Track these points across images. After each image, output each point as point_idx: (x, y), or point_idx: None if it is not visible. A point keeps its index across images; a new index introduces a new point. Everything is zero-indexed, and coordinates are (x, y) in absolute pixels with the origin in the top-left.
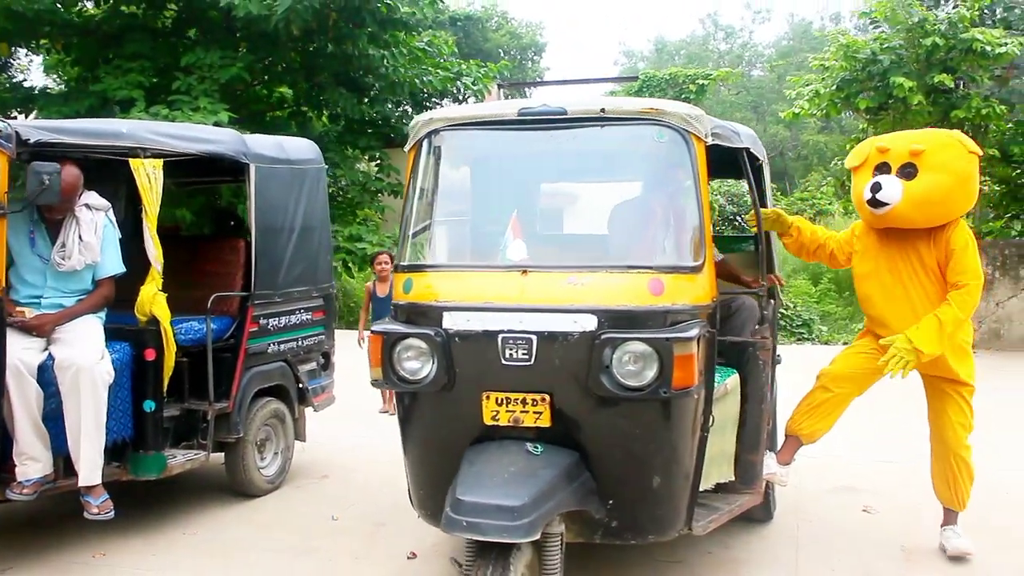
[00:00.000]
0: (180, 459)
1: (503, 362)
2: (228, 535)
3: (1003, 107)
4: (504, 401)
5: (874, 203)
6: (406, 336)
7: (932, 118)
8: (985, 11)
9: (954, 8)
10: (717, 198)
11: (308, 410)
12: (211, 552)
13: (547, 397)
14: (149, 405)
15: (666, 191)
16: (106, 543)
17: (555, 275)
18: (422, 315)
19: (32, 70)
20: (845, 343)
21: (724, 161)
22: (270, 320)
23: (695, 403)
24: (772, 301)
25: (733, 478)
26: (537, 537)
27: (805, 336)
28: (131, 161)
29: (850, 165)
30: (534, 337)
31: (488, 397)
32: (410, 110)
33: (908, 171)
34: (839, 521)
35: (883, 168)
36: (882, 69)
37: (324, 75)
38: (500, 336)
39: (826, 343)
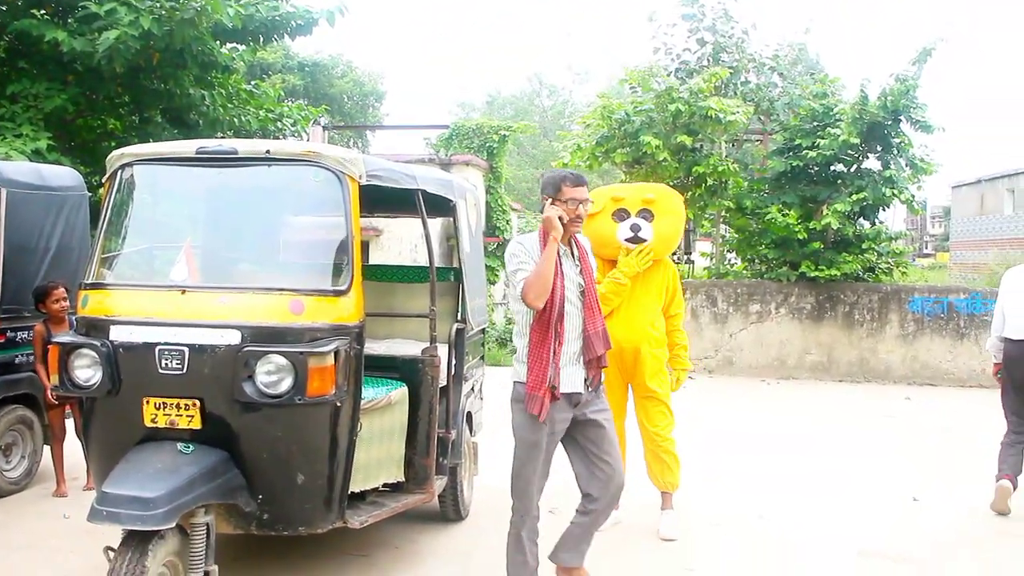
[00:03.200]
0: None
1: (160, 371)
2: None
3: (736, 166)
4: (161, 405)
5: (634, 240)
6: (79, 346)
7: (678, 173)
8: (727, 83)
9: (693, 81)
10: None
11: None
12: None
13: (198, 402)
14: None
15: (319, 223)
16: None
17: (209, 294)
18: (94, 328)
19: None
20: None
21: (431, 201)
22: (18, 333)
23: (335, 410)
24: (462, 325)
25: (403, 479)
26: (171, 525)
27: None
28: None
29: (591, 211)
30: (186, 349)
31: (148, 402)
32: None
33: (645, 215)
34: None
35: (622, 214)
36: (634, 129)
37: (152, 110)
38: (157, 348)
39: None
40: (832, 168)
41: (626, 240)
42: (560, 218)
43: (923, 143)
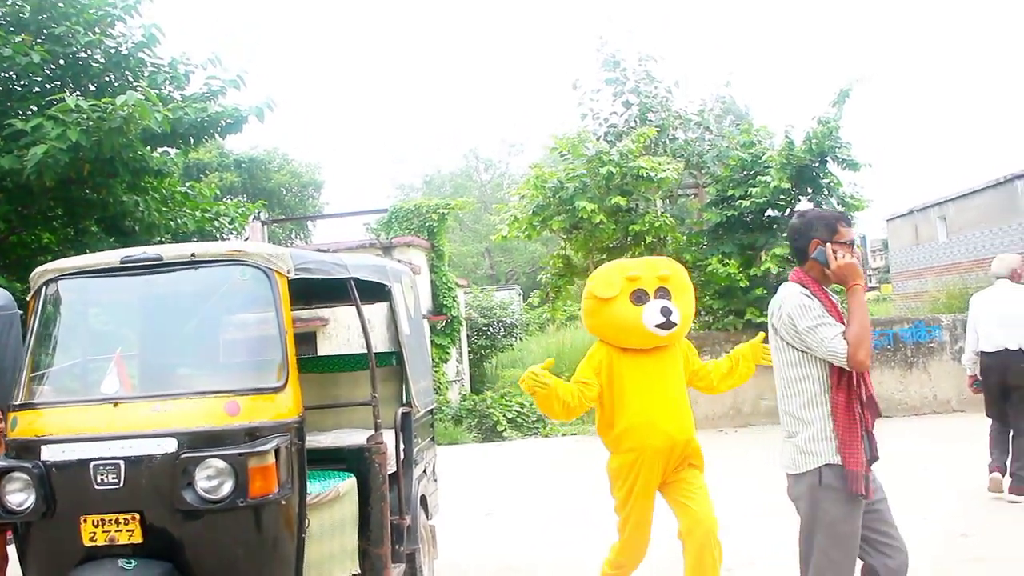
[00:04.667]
0: None
1: (96, 487)
2: None
3: (673, 221)
4: (100, 523)
5: (667, 325)
6: (9, 470)
7: (616, 234)
8: (656, 141)
9: (623, 143)
10: (471, 312)
11: None
12: None
13: (137, 515)
14: None
15: (249, 322)
16: None
17: (142, 404)
18: (25, 449)
19: None
20: (574, 434)
21: (366, 288)
22: None
23: (281, 509)
24: (407, 409)
25: (359, 571)
26: None
27: (540, 431)
28: None
29: (607, 295)
30: (122, 462)
31: (85, 520)
32: None
33: (663, 294)
34: None
35: (641, 295)
36: (568, 195)
37: (86, 221)
38: (91, 463)
39: (563, 435)
40: (767, 214)
41: (657, 326)
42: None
43: (852, 181)
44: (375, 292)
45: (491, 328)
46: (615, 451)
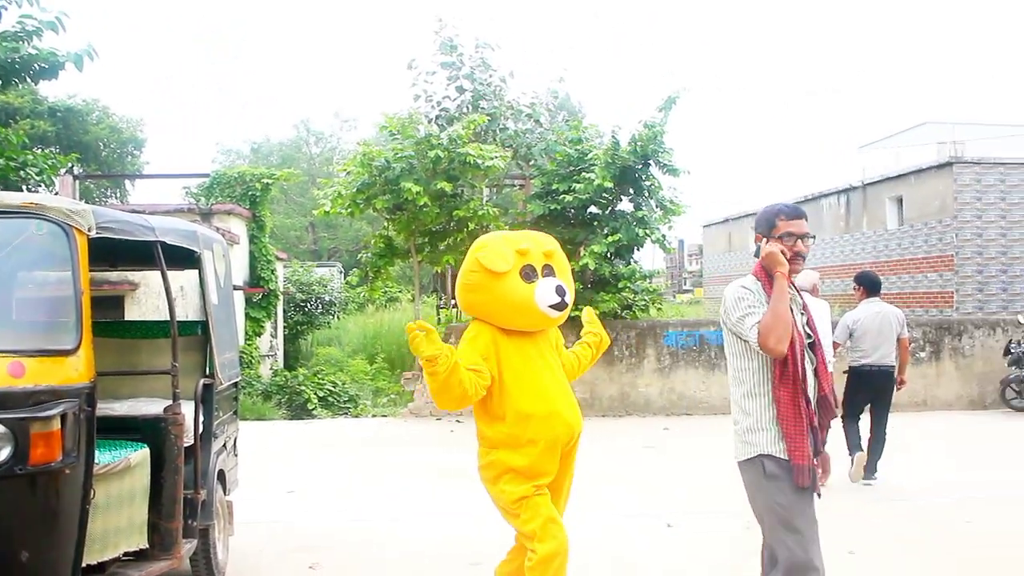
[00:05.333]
0: None
1: None
2: None
3: (497, 210)
4: None
5: (561, 306)
6: None
7: (439, 218)
8: (486, 129)
9: (453, 128)
10: (289, 286)
11: None
12: None
13: None
14: None
15: (44, 280)
16: None
17: None
18: None
19: None
20: (385, 415)
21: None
22: None
23: (64, 478)
24: (210, 380)
25: (147, 545)
26: None
27: (351, 410)
28: None
29: (500, 269)
30: None
31: None
32: None
33: (549, 272)
34: None
35: (530, 272)
36: (395, 175)
37: None
38: None
39: (373, 416)
40: (588, 211)
41: (551, 307)
42: (783, 252)
43: (672, 185)
44: (184, 258)
45: (309, 304)
46: (510, 444)
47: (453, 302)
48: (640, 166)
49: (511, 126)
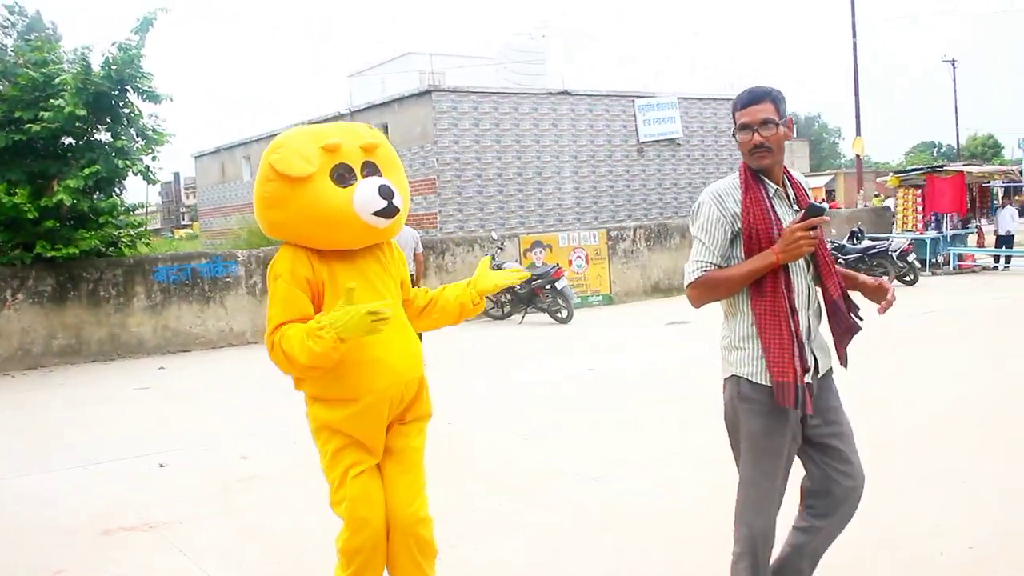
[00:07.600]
0: None
1: None
2: None
3: None
4: None
5: (390, 211)
6: None
7: None
8: None
9: None
10: None
11: None
12: None
13: None
14: None
15: None
16: None
17: None
18: None
19: None
20: None
21: None
22: None
23: None
24: None
25: None
26: None
27: None
28: None
29: (303, 173)
30: None
31: None
32: None
33: (371, 170)
34: None
35: (344, 172)
36: None
37: None
38: None
39: None
40: (61, 141)
41: (375, 214)
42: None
43: (153, 113)
44: None
45: None
46: (324, 399)
47: None
48: (116, 92)
49: None
